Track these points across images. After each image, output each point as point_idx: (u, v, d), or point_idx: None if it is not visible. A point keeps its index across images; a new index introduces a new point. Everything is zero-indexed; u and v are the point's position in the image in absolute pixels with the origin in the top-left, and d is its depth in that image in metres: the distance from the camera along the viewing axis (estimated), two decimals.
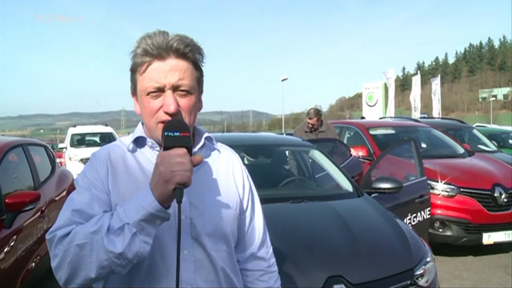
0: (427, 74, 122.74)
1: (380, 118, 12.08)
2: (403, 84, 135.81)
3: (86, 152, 11.96)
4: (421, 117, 13.78)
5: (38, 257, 3.49)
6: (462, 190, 5.03)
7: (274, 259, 1.33)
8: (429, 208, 4.07)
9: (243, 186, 1.25)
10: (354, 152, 5.75)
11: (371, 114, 18.47)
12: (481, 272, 4.58)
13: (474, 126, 11.01)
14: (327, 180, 3.85)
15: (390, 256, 2.53)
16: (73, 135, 13.94)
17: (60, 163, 8.04)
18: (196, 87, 1.12)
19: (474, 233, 4.94)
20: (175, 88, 1.06)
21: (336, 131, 6.69)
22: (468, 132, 8.59)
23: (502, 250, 5.19)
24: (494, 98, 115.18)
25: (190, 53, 1.08)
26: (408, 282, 2.35)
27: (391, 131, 7.13)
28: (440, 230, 4.96)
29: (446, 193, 5.04)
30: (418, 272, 2.43)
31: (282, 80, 34.71)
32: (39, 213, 3.63)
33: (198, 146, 1.17)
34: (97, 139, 14.55)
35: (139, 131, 1.17)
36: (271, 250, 1.33)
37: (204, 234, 1.10)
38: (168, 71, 1.05)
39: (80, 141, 13.95)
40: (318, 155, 4.01)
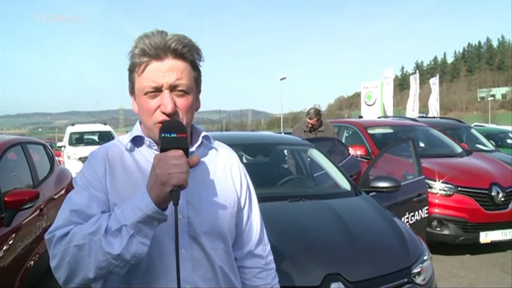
0: (425, 73, 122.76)
1: (379, 117, 12.09)
2: (402, 84, 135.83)
3: (84, 150, 11.96)
4: (419, 116, 13.78)
5: (37, 255, 3.49)
6: (459, 189, 5.05)
7: (271, 257, 1.34)
8: (426, 207, 4.09)
9: (241, 184, 1.26)
10: (352, 151, 5.76)
11: (370, 113, 18.44)
12: (478, 271, 4.60)
13: (472, 125, 11.02)
14: (326, 179, 3.86)
15: (387, 254, 2.54)
16: (71, 134, 13.92)
17: (59, 161, 8.03)
18: (194, 87, 1.12)
19: (472, 232, 4.96)
20: (172, 88, 1.06)
21: (335, 130, 6.70)
22: (466, 131, 8.61)
23: (499, 249, 5.22)
24: (492, 98, 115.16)
25: (188, 53, 1.08)
26: (405, 280, 2.36)
27: (389, 130, 7.15)
28: (438, 229, 4.98)
29: (444, 192, 5.05)
30: (415, 271, 2.44)
31: (281, 79, 34.67)
32: (38, 211, 3.62)
33: (196, 145, 1.17)
34: (95, 137, 14.55)
35: (137, 130, 1.17)
36: (268, 247, 1.33)
37: (201, 232, 1.10)
38: (166, 71, 1.05)
39: (78, 139, 13.94)
40: (316, 154, 4.02)
